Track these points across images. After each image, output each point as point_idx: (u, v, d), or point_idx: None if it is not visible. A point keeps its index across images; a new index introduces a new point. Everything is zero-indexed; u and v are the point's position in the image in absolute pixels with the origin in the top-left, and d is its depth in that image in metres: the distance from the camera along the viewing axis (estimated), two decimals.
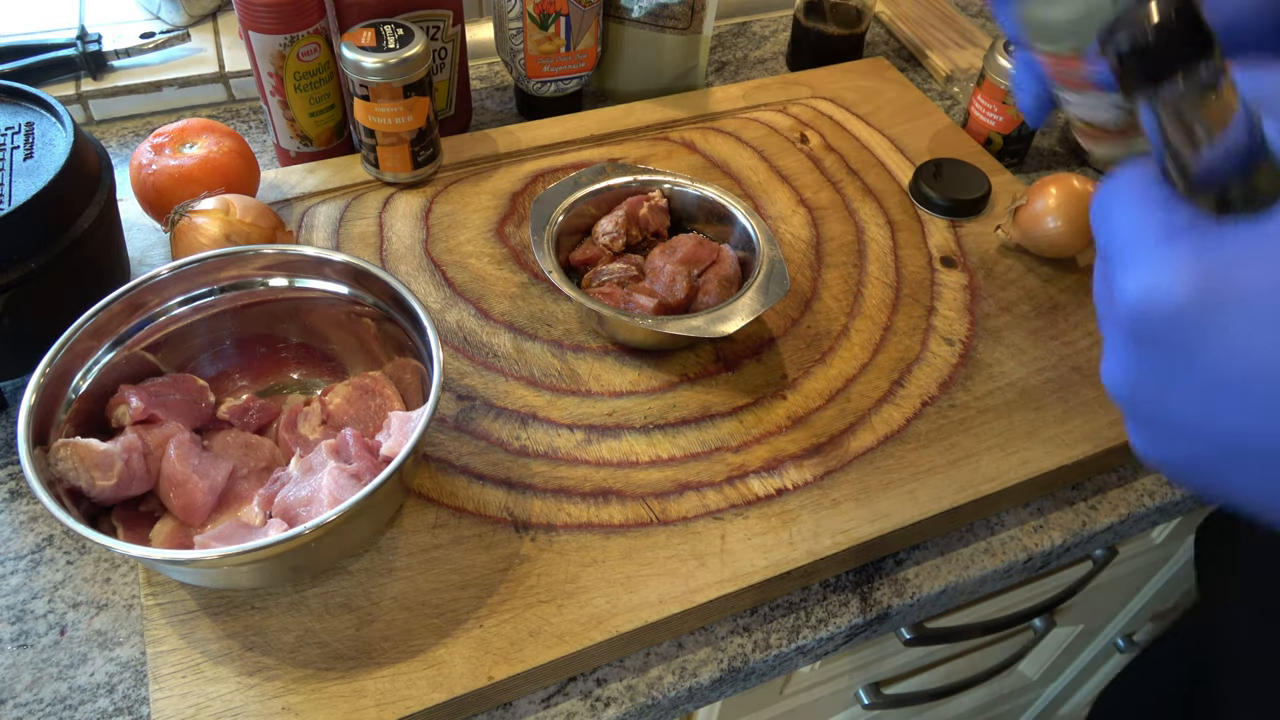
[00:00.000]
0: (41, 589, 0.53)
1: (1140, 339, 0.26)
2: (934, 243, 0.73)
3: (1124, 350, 0.27)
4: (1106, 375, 0.29)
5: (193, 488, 0.50)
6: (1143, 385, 0.27)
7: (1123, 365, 0.28)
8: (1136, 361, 0.27)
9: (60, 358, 0.49)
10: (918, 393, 0.62)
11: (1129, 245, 0.27)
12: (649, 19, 0.81)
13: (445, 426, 0.58)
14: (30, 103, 0.60)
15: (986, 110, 0.82)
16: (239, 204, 0.61)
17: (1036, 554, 0.59)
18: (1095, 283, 0.30)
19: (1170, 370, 0.26)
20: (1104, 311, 0.29)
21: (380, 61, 0.65)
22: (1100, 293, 0.29)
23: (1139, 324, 0.26)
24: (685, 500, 0.55)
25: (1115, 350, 0.28)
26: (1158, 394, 0.27)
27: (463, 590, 0.50)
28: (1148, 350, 0.26)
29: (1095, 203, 0.29)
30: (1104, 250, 0.28)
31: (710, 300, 0.61)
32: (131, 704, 0.49)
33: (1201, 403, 0.26)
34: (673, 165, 0.77)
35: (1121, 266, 0.27)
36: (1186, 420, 0.27)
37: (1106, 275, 0.28)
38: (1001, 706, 1.05)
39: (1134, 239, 0.26)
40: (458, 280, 0.67)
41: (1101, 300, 0.29)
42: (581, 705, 0.50)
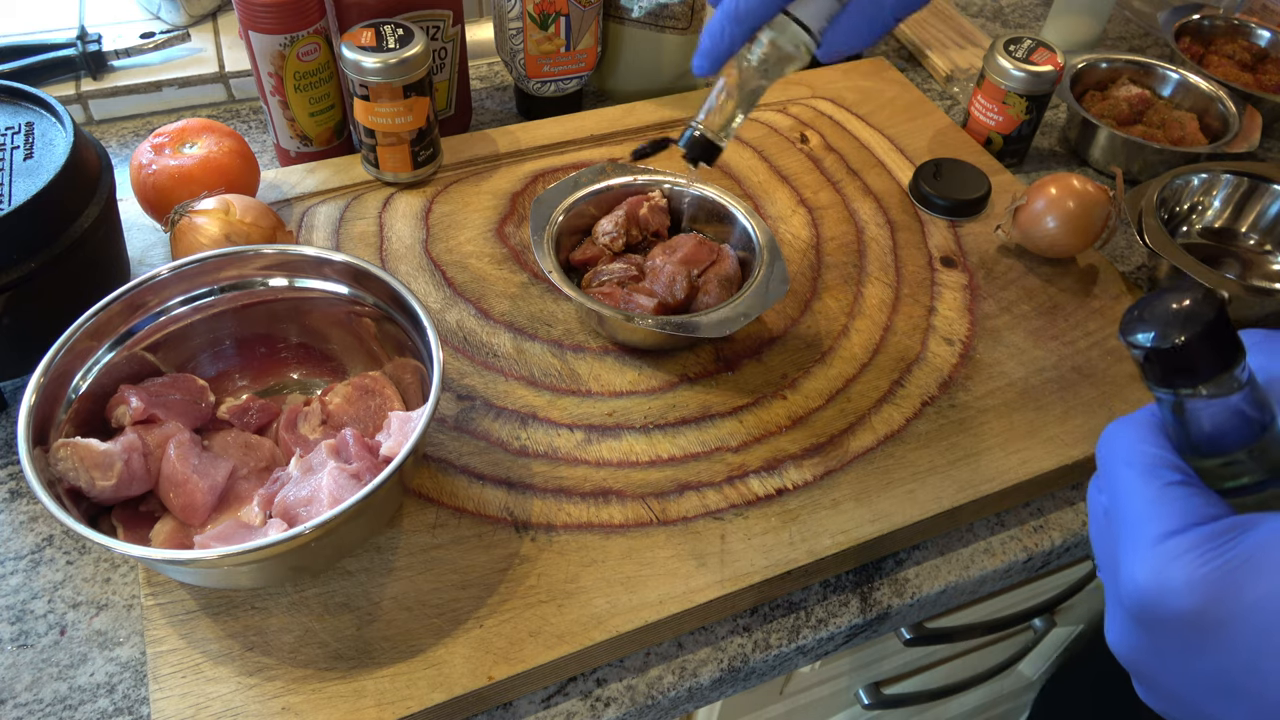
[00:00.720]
0: (41, 589, 0.53)
1: (1143, 625, 0.28)
2: (934, 243, 0.73)
3: (1126, 625, 0.29)
4: (1110, 638, 0.30)
5: (193, 488, 0.50)
6: (1145, 661, 0.29)
7: (1125, 638, 0.29)
8: (1139, 641, 0.28)
9: (60, 358, 0.49)
10: (918, 393, 0.62)
11: (1137, 527, 0.28)
12: (649, 19, 0.81)
13: (445, 426, 0.58)
14: (30, 103, 0.60)
15: (986, 110, 0.82)
16: (239, 204, 0.61)
17: (1036, 554, 0.59)
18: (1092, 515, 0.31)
19: (1171, 661, 0.27)
20: (1104, 567, 0.30)
21: (380, 61, 0.65)
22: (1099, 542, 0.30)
23: (1144, 614, 0.27)
24: (685, 500, 0.55)
25: (1118, 621, 0.29)
26: (1159, 672, 0.28)
27: (463, 590, 0.50)
28: (1150, 636, 0.28)
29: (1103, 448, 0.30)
30: (1113, 512, 0.29)
31: (710, 300, 0.61)
32: (131, 704, 0.49)
33: (1198, 692, 0.27)
34: (673, 165, 0.77)
35: (1130, 551, 0.28)
36: (1184, 699, 0.28)
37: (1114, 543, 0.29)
38: (1001, 706, 1.05)
39: (1142, 522, 0.27)
40: (458, 280, 0.67)
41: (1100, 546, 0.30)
42: (581, 705, 0.50)
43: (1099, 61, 0.91)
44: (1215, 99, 0.87)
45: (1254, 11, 1.05)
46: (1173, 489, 0.28)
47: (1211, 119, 0.87)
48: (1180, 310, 0.26)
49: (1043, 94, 0.80)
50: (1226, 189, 0.79)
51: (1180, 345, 0.25)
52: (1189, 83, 0.89)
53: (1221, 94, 0.87)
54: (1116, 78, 0.91)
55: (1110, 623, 0.30)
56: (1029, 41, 0.80)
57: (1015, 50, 0.79)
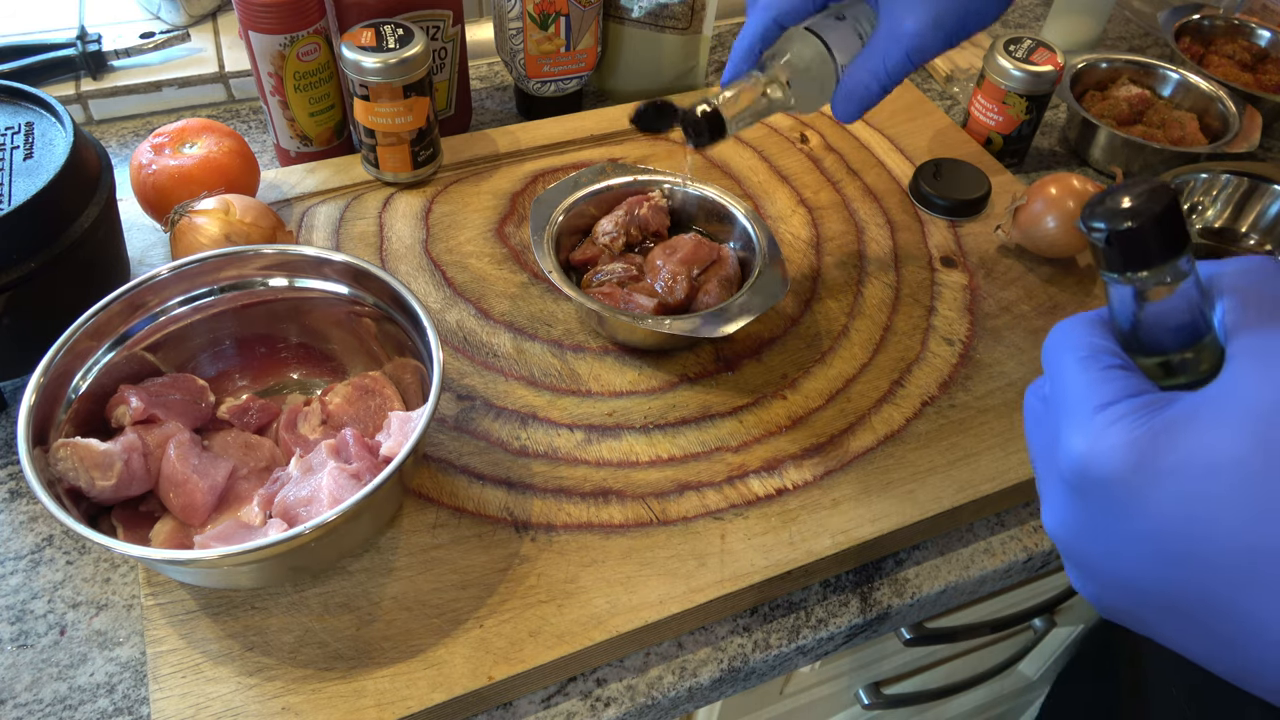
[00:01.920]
0: (41, 589, 0.53)
1: (1078, 492, 0.29)
2: (934, 243, 0.73)
3: (1062, 499, 0.30)
4: (1046, 521, 0.32)
5: (193, 488, 0.50)
6: (1078, 534, 0.30)
7: (1061, 514, 0.31)
8: (1073, 513, 0.30)
9: (60, 358, 0.49)
10: (918, 393, 0.62)
11: (1076, 404, 0.30)
12: (649, 19, 0.81)
13: (445, 426, 0.58)
14: (30, 103, 0.60)
15: (986, 110, 0.82)
16: (239, 204, 0.61)
17: (1036, 554, 0.59)
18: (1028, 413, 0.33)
19: (1102, 525, 0.29)
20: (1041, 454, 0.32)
21: (380, 61, 0.65)
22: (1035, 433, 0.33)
23: (1078, 480, 0.29)
24: (685, 500, 0.55)
25: (1054, 499, 0.31)
26: (1090, 544, 0.30)
27: (463, 590, 0.50)
28: (1084, 504, 0.29)
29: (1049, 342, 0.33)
30: (1053, 397, 0.31)
31: (710, 300, 0.61)
32: (131, 704, 0.49)
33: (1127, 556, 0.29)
34: (673, 165, 0.77)
35: (1068, 425, 0.30)
36: (1114, 569, 0.30)
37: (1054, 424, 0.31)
38: (1001, 706, 1.05)
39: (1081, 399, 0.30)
40: (458, 280, 0.67)
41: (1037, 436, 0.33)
42: (581, 705, 0.50)
43: (1099, 61, 0.91)
44: (1215, 99, 0.87)
45: (1254, 11, 1.05)
46: (1112, 371, 0.30)
47: (1211, 119, 0.87)
48: (1136, 198, 0.28)
49: (1043, 94, 0.80)
50: (1227, 189, 0.79)
51: (1134, 228, 0.28)
52: (1189, 83, 0.89)
53: (1221, 94, 0.87)
54: (1116, 78, 0.91)
55: (1047, 506, 0.32)
56: (1029, 41, 0.80)
57: (1015, 50, 0.79)
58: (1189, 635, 0.29)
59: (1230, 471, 0.26)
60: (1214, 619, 0.27)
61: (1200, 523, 0.26)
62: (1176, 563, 0.27)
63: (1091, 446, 0.28)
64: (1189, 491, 0.27)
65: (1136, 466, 0.27)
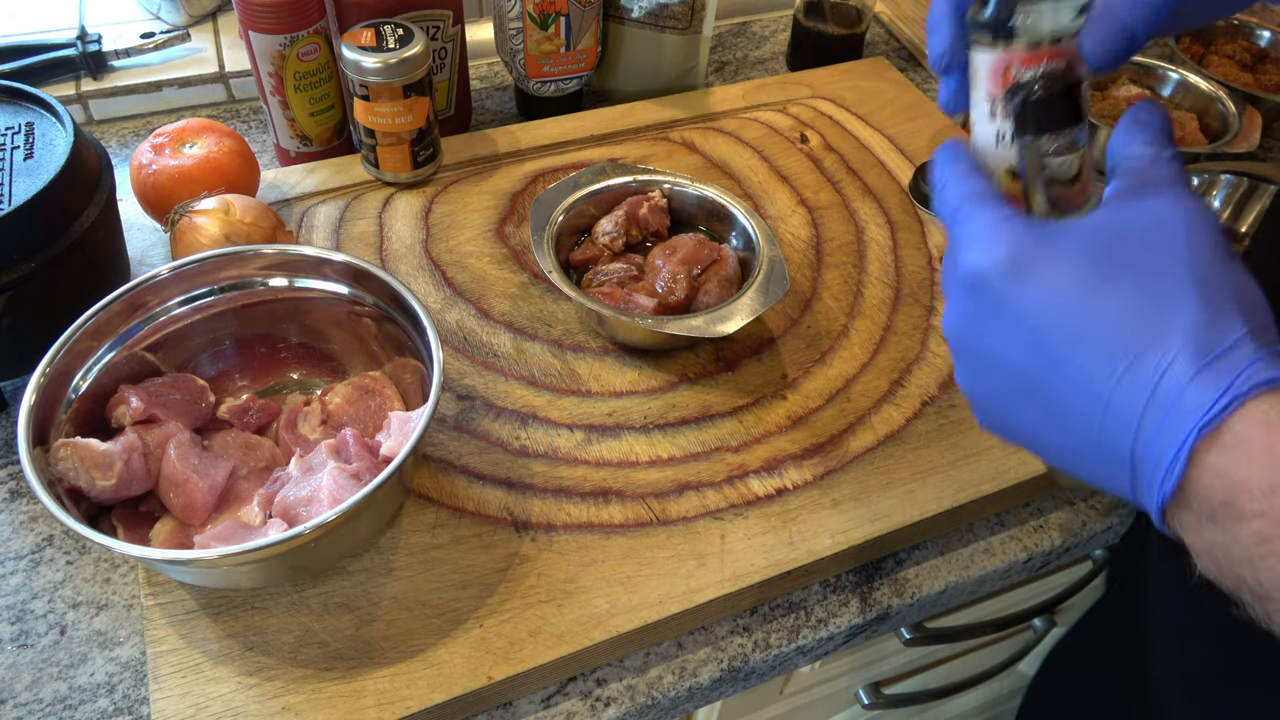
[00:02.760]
0: (41, 589, 0.53)
1: (968, 291, 0.36)
2: (934, 242, 0.73)
3: (958, 302, 0.37)
4: (945, 323, 0.39)
5: (193, 488, 0.50)
6: (965, 327, 0.37)
7: (955, 314, 0.38)
8: (964, 310, 0.37)
9: (60, 358, 0.49)
10: (918, 393, 0.62)
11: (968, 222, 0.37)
12: (649, 19, 0.81)
13: (445, 426, 0.58)
14: (30, 103, 0.60)
15: None
16: (239, 204, 0.61)
17: (1036, 554, 0.59)
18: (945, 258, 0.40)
19: (983, 318, 0.36)
20: (948, 276, 0.39)
21: (380, 61, 0.65)
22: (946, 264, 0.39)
23: (970, 280, 0.36)
24: (685, 500, 0.55)
25: (952, 303, 0.38)
26: (974, 333, 0.37)
27: (463, 590, 0.50)
28: (972, 301, 0.36)
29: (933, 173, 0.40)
30: (945, 218, 0.39)
31: (710, 300, 0.61)
32: (131, 704, 0.49)
33: (999, 340, 0.36)
34: (673, 165, 0.77)
35: (964, 241, 0.37)
36: (989, 355, 0.36)
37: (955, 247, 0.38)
38: (1001, 706, 1.05)
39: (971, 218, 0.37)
40: (458, 280, 0.67)
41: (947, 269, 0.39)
42: (581, 705, 0.50)
43: None
44: (1215, 99, 0.87)
45: (1254, 11, 1.05)
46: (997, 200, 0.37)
47: (1211, 119, 0.87)
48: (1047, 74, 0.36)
49: None
50: (1226, 189, 0.79)
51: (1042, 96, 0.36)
52: (1189, 83, 0.89)
53: (1221, 94, 0.87)
54: (1116, 78, 0.91)
55: (946, 312, 0.39)
56: None
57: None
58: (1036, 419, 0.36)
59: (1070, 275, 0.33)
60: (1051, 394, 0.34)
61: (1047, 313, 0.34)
62: (1031, 348, 0.34)
63: (984, 251, 0.36)
64: (1043, 289, 0.34)
65: (1012, 265, 0.35)
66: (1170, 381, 0.31)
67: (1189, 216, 0.34)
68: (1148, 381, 0.31)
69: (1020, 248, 0.35)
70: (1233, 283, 0.33)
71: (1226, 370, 0.30)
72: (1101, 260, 0.34)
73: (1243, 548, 0.30)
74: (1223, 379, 0.30)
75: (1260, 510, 0.29)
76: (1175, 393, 0.31)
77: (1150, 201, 0.34)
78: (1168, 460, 0.31)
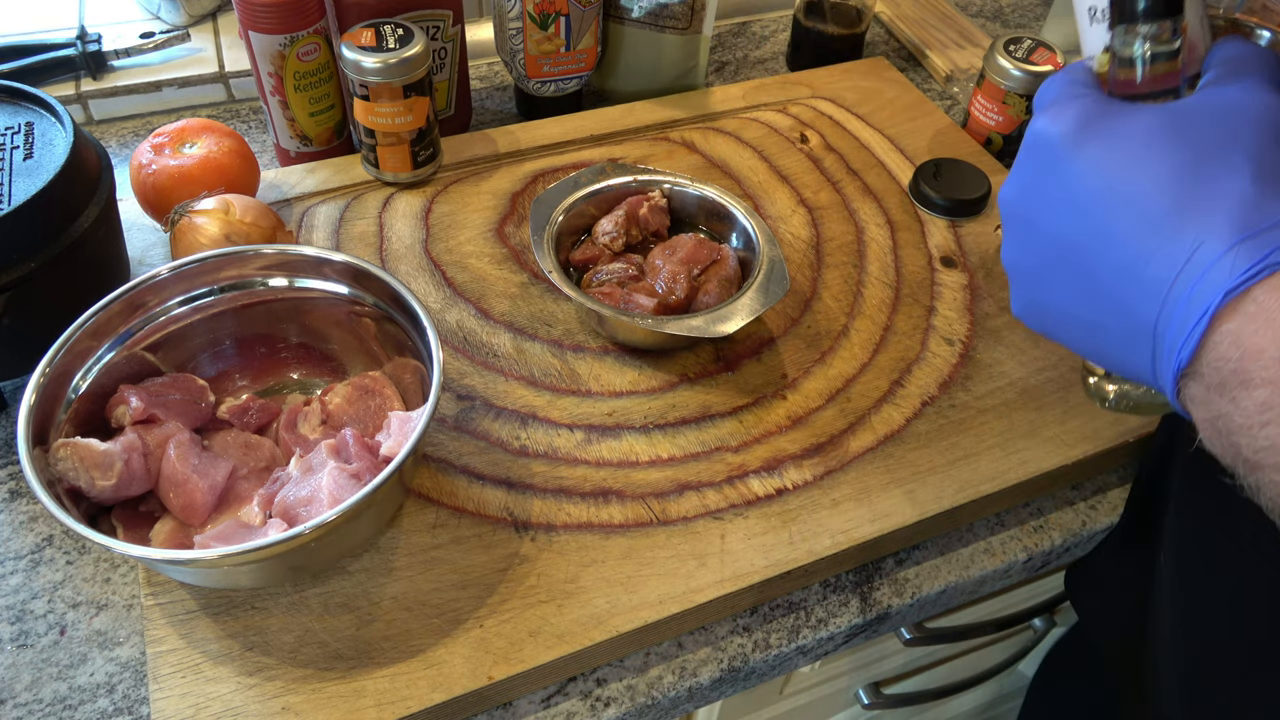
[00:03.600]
0: (41, 589, 0.53)
1: (1031, 151, 0.37)
2: (934, 243, 0.73)
3: (1020, 167, 0.38)
4: (1001, 193, 0.40)
5: (193, 488, 0.50)
6: (1021, 191, 0.38)
7: (1014, 179, 0.39)
8: (1024, 173, 0.38)
9: (60, 358, 0.49)
10: (918, 393, 0.62)
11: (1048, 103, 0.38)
12: (649, 19, 0.81)
13: (445, 426, 0.58)
14: (30, 103, 0.60)
15: (986, 110, 0.82)
16: (239, 204, 0.61)
17: (1036, 554, 0.59)
18: None
19: (1041, 176, 0.37)
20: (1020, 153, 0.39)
21: (380, 61, 0.65)
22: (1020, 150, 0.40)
23: (1034, 142, 0.37)
24: (685, 500, 0.55)
25: (1014, 170, 0.39)
26: (1028, 197, 0.38)
27: (463, 590, 0.50)
28: (1033, 161, 0.37)
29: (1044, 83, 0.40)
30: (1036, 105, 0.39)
31: (710, 300, 0.61)
32: (131, 704, 0.49)
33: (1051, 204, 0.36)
34: (673, 165, 0.77)
35: (1038, 113, 0.38)
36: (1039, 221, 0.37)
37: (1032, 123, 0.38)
38: (1001, 706, 1.05)
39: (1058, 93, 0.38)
40: (458, 280, 0.67)
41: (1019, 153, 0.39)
42: (581, 705, 0.50)
43: None
44: None
45: (1254, 11, 1.05)
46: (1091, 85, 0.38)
47: None
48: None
49: None
50: None
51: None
52: None
53: None
54: None
55: (1005, 184, 0.39)
56: (1029, 41, 0.80)
57: (1015, 50, 0.79)
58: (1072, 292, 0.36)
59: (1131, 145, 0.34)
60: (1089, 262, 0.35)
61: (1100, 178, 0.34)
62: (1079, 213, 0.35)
63: (1053, 115, 0.37)
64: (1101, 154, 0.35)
65: (1078, 130, 0.35)
66: (1206, 253, 0.31)
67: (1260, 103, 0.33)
68: (1183, 252, 0.31)
69: (1089, 116, 0.36)
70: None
71: (1264, 244, 0.30)
72: (1164, 134, 0.33)
73: (1245, 414, 0.30)
74: (1258, 252, 0.30)
75: (1269, 377, 0.29)
76: (1209, 263, 0.31)
77: (1226, 89, 0.34)
78: (1189, 329, 0.31)
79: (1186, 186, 0.32)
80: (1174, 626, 0.52)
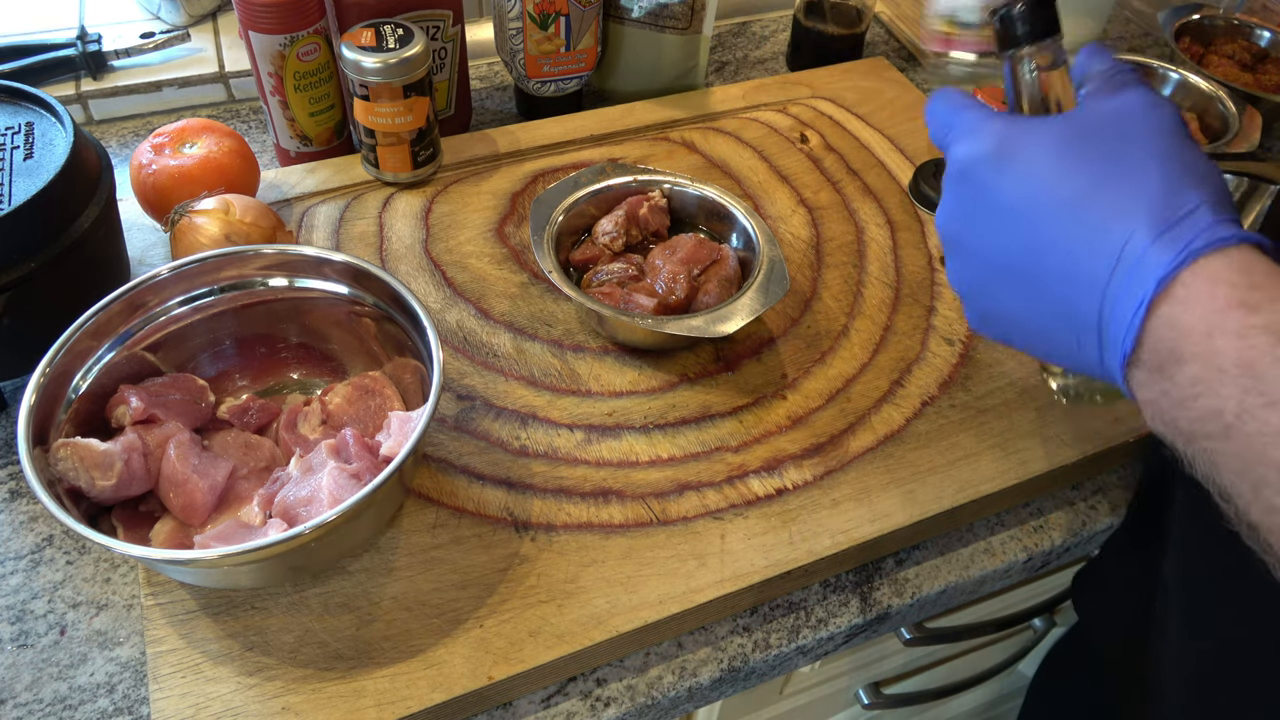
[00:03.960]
0: (41, 589, 0.53)
1: (958, 180, 0.40)
2: (934, 243, 0.73)
3: (948, 196, 0.41)
4: (937, 220, 0.42)
5: (193, 488, 0.50)
6: (955, 217, 0.41)
7: (947, 206, 0.41)
8: (955, 200, 0.40)
9: (60, 358, 0.49)
10: (918, 393, 0.62)
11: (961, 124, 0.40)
12: (649, 19, 0.81)
13: (445, 426, 0.58)
14: (30, 103, 0.60)
15: None
16: (239, 204, 0.61)
17: (1036, 554, 0.59)
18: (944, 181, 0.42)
19: (972, 201, 0.39)
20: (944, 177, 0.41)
21: (380, 61, 0.65)
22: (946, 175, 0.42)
23: (959, 170, 0.40)
24: (685, 500, 0.55)
25: (945, 199, 0.41)
26: (962, 221, 0.40)
27: (463, 590, 0.50)
28: (961, 188, 0.40)
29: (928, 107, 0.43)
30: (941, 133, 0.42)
31: (710, 300, 0.61)
32: (131, 704, 0.49)
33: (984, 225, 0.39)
34: (673, 165, 0.77)
35: (957, 138, 0.40)
36: (976, 241, 0.40)
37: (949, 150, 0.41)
38: (1001, 706, 1.05)
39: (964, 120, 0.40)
40: (458, 280, 0.67)
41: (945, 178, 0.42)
42: (581, 705, 0.50)
43: None
44: (1215, 99, 0.87)
45: (1254, 11, 1.05)
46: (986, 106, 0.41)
47: (1211, 119, 0.87)
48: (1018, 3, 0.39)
49: None
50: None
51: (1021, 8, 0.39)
52: (1189, 83, 0.89)
53: (1221, 94, 0.87)
54: None
55: (939, 211, 0.42)
56: None
57: None
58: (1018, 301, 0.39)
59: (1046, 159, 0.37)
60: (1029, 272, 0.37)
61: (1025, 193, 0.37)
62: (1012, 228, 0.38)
63: (971, 142, 0.39)
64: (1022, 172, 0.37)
65: (997, 153, 0.38)
66: (1133, 248, 0.34)
67: (1151, 107, 0.37)
68: (1113, 250, 0.34)
69: (1002, 137, 0.39)
70: (1190, 160, 0.36)
71: (1183, 233, 0.33)
72: (1074, 145, 0.37)
73: (1179, 389, 0.33)
74: (1180, 241, 0.33)
75: (1198, 353, 0.32)
76: (1137, 257, 0.34)
77: (1118, 97, 0.38)
78: (1129, 317, 0.34)
79: (1104, 190, 0.35)
80: (1179, 628, 0.52)
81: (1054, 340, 0.38)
